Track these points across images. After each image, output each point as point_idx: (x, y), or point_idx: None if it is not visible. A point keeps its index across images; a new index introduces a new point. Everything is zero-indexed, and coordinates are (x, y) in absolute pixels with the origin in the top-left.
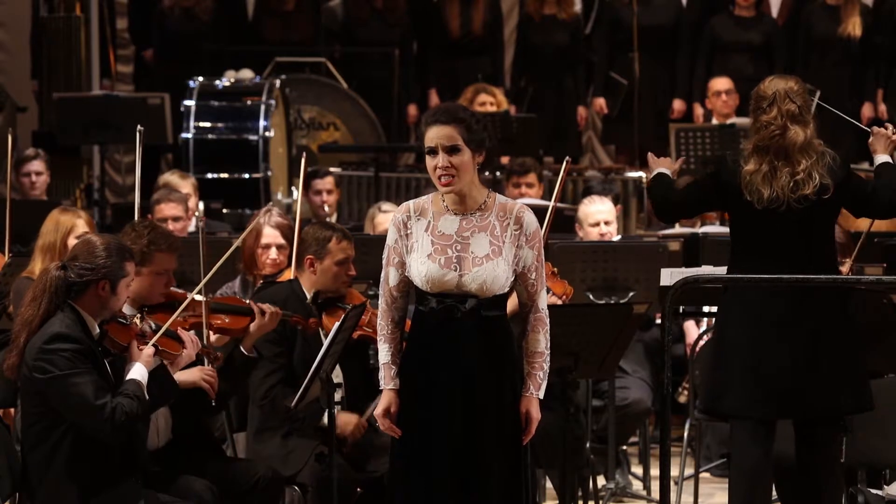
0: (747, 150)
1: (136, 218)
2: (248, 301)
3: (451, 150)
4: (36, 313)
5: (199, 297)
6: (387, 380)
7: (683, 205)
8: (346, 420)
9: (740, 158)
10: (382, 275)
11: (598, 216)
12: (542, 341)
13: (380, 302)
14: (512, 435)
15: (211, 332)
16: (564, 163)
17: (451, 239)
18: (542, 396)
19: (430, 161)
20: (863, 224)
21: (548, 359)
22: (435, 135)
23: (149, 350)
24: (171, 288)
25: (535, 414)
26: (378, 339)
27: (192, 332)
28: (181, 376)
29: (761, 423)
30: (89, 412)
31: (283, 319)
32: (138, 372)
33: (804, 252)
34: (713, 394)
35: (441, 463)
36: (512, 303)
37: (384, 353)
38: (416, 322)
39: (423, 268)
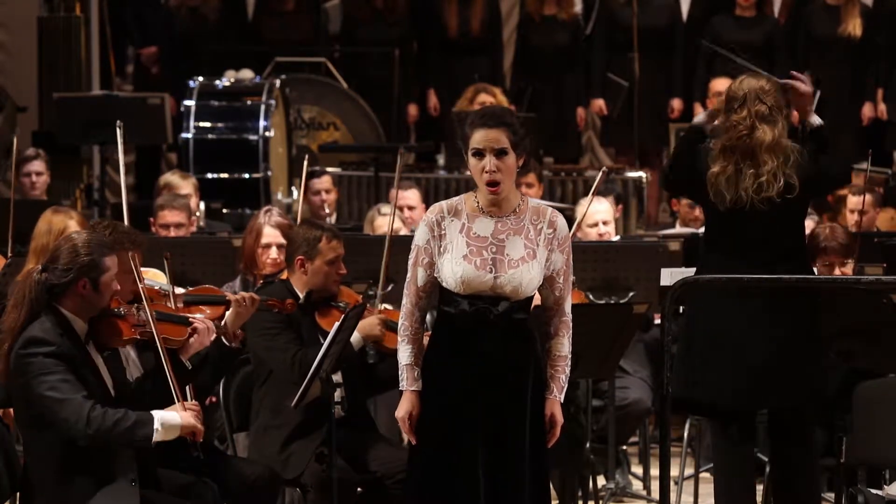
0: (715, 151)
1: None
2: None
3: (500, 153)
4: (17, 319)
5: (178, 290)
6: (409, 381)
7: (674, 169)
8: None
9: (708, 158)
10: (409, 275)
11: (597, 216)
12: (566, 345)
13: (404, 302)
14: (537, 438)
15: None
16: (601, 172)
17: (487, 241)
18: (562, 399)
19: (475, 163)
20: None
21: (570, 362)
22: (483, 138)
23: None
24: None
25: (560, 417)
26: (399, 340)
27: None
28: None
29: (738, 422)
30: (58, 410)
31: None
32: (168, 417)
33: (771, 250)
34: (685, 384)
35: (463, 468)
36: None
37: (406, 354)
38: (441, 323)
39: (458, 269)
